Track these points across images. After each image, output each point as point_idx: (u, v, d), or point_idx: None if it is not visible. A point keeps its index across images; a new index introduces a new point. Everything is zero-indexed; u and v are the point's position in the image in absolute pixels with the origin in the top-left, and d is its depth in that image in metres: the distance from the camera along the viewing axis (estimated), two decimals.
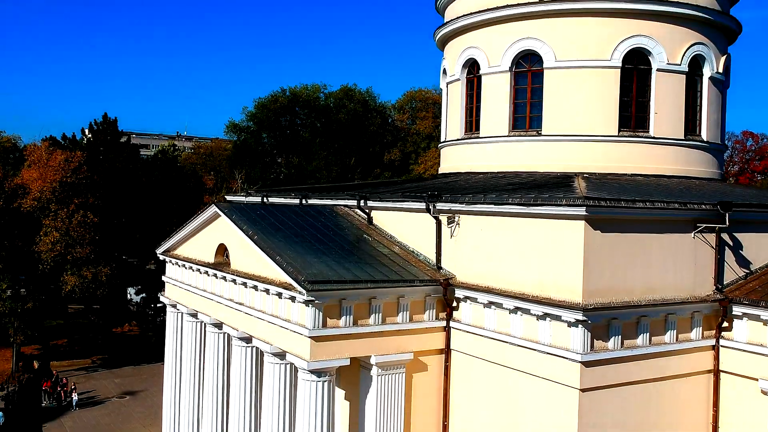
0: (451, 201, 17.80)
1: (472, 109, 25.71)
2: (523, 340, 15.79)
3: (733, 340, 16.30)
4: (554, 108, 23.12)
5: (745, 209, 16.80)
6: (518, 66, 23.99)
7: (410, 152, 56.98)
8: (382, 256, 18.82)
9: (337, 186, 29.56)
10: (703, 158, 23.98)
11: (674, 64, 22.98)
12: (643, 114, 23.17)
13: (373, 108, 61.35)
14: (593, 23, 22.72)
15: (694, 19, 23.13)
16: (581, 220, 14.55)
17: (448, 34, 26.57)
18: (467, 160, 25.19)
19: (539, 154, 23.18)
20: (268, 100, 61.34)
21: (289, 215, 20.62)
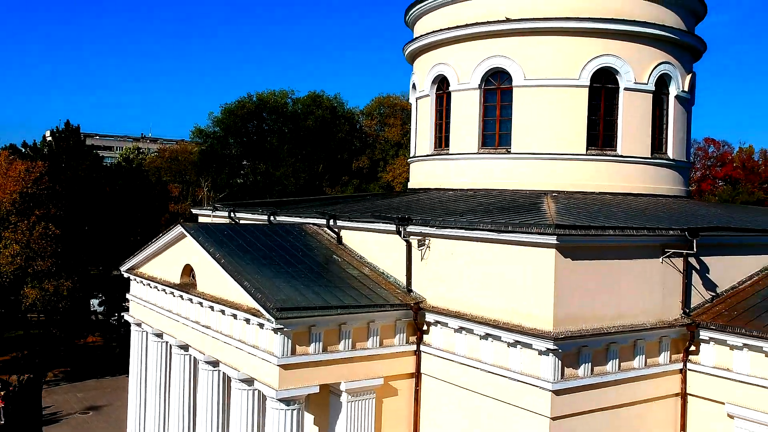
0: (422, 224, 17.67)
1: (441, 125, 25.66)
2: (493, 367, 15.73)
3: (700, 364, 16.45)
4: (523, 126, 23.18)
5: (711, 233, 16.94)
6: (488, 83, 24.00)
7: (378, 159, 56.82)
8: (352, 278, 18.61)
9: (306, 200, 29.27)
10: (669, 176, 24.25)
11: (641, 83, 23.21)
12: (610, 132, 23.35)
13: (341, 114, 61.08)
14: (562, 42, 22.83)
15: (660, 38, 23.39)
16: (552, 248, 14.53)
17: (418, 49, 26.49)
18: (437, 177, 25.13)
19: (509, 172, 23.22)
20: (234, 106, 60.66)
21: (257, 235, 20.29)
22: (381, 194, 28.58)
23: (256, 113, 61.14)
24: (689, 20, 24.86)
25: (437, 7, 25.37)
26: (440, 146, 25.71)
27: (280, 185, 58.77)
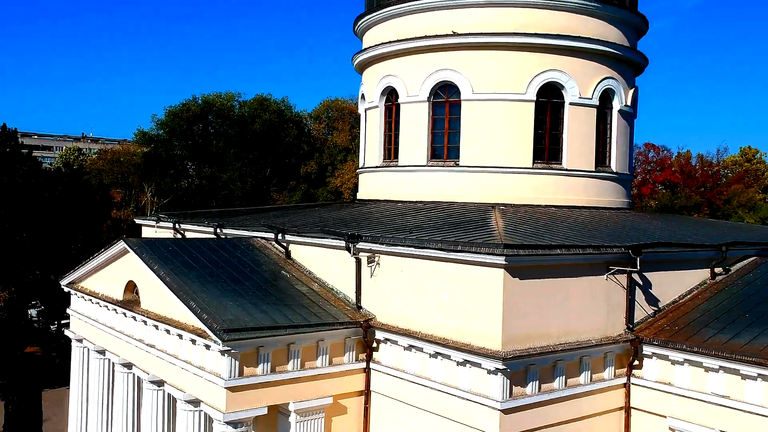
0: (372, 241, 17.60)
1: (390, 136, 25.66)
2: (443, 385, 15.77)
3: (643, 379, 16.83)
4: (472, 139, 23.37)
5: (653, 250, 17.35)
6: (436, 96, 24.11)
7: (327, 164, 56.52)
8: (300, 295, 18.42)
9: (254, 210, 28.86)
10: (612, 189, 24.78)
11: (586, 98, 23.66)
12: (556, 146, 23.74)
13: (289, 118, 60.55)
14: (509, 57, 23.08)
15: (604, 54, 23.87)
16: (501, 268, 14.64)
17: (366, 60, 26.43)
18: (386, 188, 25.11)
19: (457, 185, 23.37)
20: (179, 109, 59.49)
21: (203, 250, 19.89)
22: (330, 204, 28.39)
23: (201, 116, 60.09)
24: (632, 36, 25.46)
25: (385, 19, 25.36)
26: (389, 158, 25.71)
27: (226, 189, 57.91)
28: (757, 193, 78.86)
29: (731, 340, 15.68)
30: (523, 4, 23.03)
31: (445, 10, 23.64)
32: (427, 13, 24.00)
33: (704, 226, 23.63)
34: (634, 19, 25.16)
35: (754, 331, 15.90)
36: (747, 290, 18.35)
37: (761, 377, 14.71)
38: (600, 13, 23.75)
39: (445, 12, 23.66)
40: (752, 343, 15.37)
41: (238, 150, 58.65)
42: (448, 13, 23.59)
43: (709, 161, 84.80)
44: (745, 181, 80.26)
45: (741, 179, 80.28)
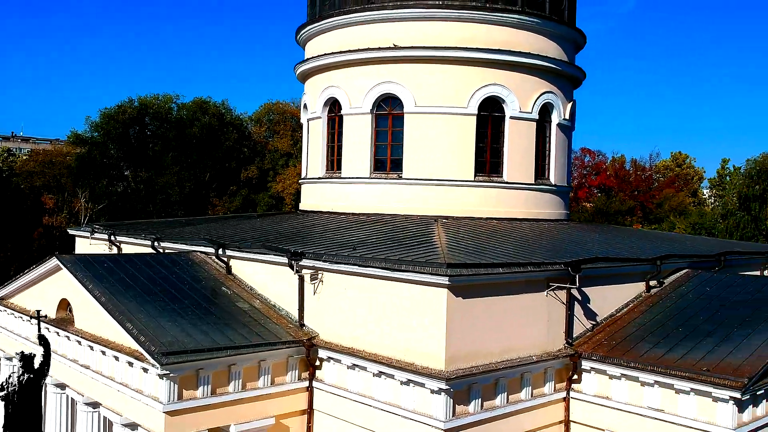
0: (315, 258, 17.43)
1: (333, 147, 25.52)
2: (386, 405, 15.74)
3: (582, 393, 17.16)
4: (414, 152, 23.44)
5: (592, 265, 17.71)
6: (379, 108, 24.09)
7: (268, 169, 55.81)
8: (242, 313, 18.10)
9: (193, 221, 28.22)
10: (551, 201, 25.24)
11: (526, 112, 24.02)
12: (497, 159, 24.03)
13: (229, 121, 59.58)
14: (451, 71, 23.24)
15: (544, 69, 24.28)
16: (444, 288, 14.70)
17: (309, 70, 26.22)
18: (329, 200, 24.95)
19: (400, 197, 23.40)
20: (114, 111, 57.83)
21: (140, 267, 19.35)
22: (272, 214, 28.00)
23: (137, 118, 58.57)
24: (570, 51, 25.98)
25: (327, 30, 25.20)
26: (332, 169, 25.55)
27: (163, 194, 56.60)
28: (687, 197, 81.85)
29: (666, 355, 16.14)
30: (465, 19, 23.22)
31: (388, 23, 23.65)
32: (369, 25, 23.96)
33: (639, 238, 24.29)
34: (572, 34, 25.69)
35: (687, 345, 16.40)
36: (680, 303, 18.93)
37: (694, 392, 15.17)
38: (540, 28, 24.15)
39: (387, 24, 23.66)
40: (685, 357, 15.85)
41: (176, 154, 57.39)
42: (391, 26, 23.60)
43: (642, 166, 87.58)
44: (675, 185, 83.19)
45: (672, 183, 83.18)
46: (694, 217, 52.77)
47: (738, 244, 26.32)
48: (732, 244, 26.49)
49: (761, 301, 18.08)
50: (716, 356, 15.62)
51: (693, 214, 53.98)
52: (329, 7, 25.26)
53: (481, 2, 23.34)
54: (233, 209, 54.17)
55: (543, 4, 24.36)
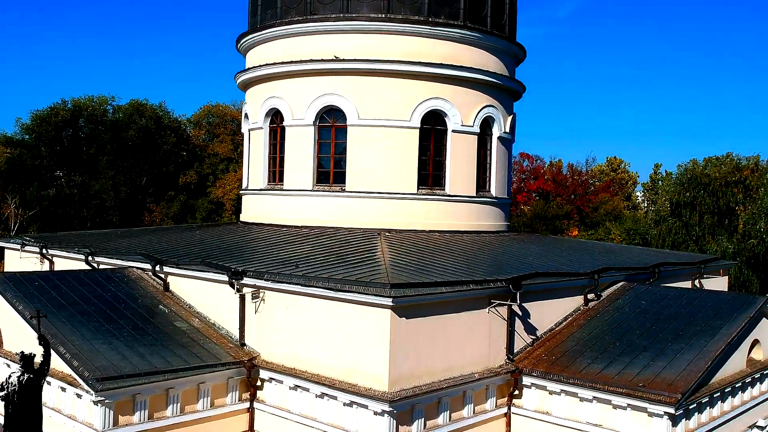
0: (256, 277, 17.16)
1: (275, 158, 25.19)
2: (329, 426, 15.61)
3: (523, 408, 17.39)
4: (357, 164, 23.37)
5: (532, 281, 17.96)
6: (322, 120, 23.92)
7: (208, 174, 54.79)
8: (180, 333, 17.66)
9: (129, 234, 27.38)
10: (492, 213, 25.53)
11: (468, 125, 24.22)
12: (439, 172, 24.17)
13: (166, 124, 58.26)
14: (394, 84, 23.26)
15: (486, 83, 24.53)
16: (388, 309, 14.65)
17: (250, 80, 25.84)
18: (272, 212, 24.62)
19: (344, 210, 23.28)
20: (46, 113, 55.84)
21: (73, 285, 18.68)
22: (212, 226, 27.43)
23: (71, 121, 56.70)
24: (511, 65, 26.33)
25: (269, 39, 24.88)
26: (275, 180, 25.22)
27: (98, 199, 54.94)
28: (622, 201, 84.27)
29: (604, 370, 16.49)
30: (408, 33, 23.26)
31: (330, 35, 23.50)
32: (312, 37, 23.76)
33: (577, 251, 24.75)
34: (513, 48, 26.04)
35: (623, 360, 16.80)
36: (617, 317, 19.39)
37: (630, 407, 15.55)
38: (482, 43, 24.39)
39: (330, 36, 23.51)
40: (622, 373, 16.23)
41: (111, 157, 55.80)
42: (333, 38, 23.45)
43: (579, 170, 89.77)
44: (611, 190, 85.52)
45: (607, 188, 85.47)
46: (628, 223, 54.35)
47: (671, 254, 27.17)
48: (665, 254, 27.33)
49: (692, 315, 18.66)
50: (651, 371, 16.05)
51: (627, 220, 55.58)
52: (271, 16, 24.95)
53: (424, 16, 23.42)
54: (171, 215, 53.00)
55: (484, 18, 24.62)
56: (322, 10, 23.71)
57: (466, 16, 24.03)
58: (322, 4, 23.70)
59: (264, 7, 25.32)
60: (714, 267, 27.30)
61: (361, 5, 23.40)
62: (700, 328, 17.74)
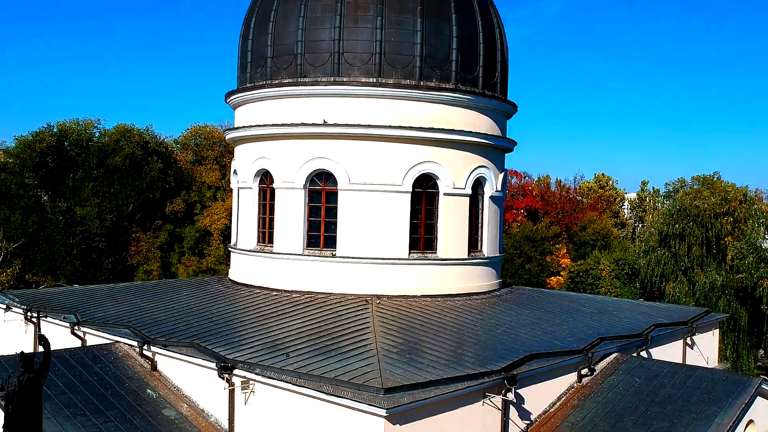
0: (246, 369, 16.84)
1: (265, 219, 24.87)
2: None
3: None
4: (349, 229, 23.12)
5: (527, 366, 17.76)
6: (313, 183, 23.65)
7: (195, 202, 54.25)
8: (168, 423, 17.34)
9: (116, 292, 26.86)
10: (484, 273, 25.34)
11: (459, 188, 24.02)
12: (431, 235, 23.97)
13: (153, 149, 57.60)
14: (385, 149, 23.04)
15: (478, 144, 24.36)
16: (382, 418, 14.40)
17: (240, 138, 25.51)
18: (261, 275, 24.32)
19: (334, 276, 23.04)
20: (31, 138, 55.07)
21: (59, 369, 18.22)
22: (200, 285, 26.90)
23: (56, 146, 55.97)
24: (502, 122, 26.17)
25: (258, 99, 24.61)
26: (264, 241, 24.91)
27: (83, 225, 54.25)
28: (610, 219, 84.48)
29: None
30: (399, 97, 23.05)
31: (321, 98, 23.24)
32: (302, 99, 23.49)
33: (569, 313, 24.47)
34: (504, 107, 25.87)
35: None
36: (611, 398, 19.22)
37: None
38: (474, 104, 24.21)
39: (320, 99, 23.25)
40: None
41: (97, 183, 55.13)
42: (324, 101, 23.19)
43: (567, 187, 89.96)
44: (599, 207, 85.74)
45: (595, 205, 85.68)
46: (617, 252, 54.37)
47: (663, 310, 26.95)
48: (657, 311, 27.03)
49: (686, 398, 18.52)
50: None
51: (616, 250, 55.60)
52: (261, 75, 24.62)
53: (415, 80, 23.20)
54: (158, 245, 52.38)
55: (476, 79, 24.43)
56: (312, 72, 23.43)
57: (458, 78, 23.84)
58: (312, 66, 23.43)
59: (254, 65, 24.99)
60: (706, 322, 27.19)
61: (352, 68, 23.14)
62: (696, 416, 17.61)
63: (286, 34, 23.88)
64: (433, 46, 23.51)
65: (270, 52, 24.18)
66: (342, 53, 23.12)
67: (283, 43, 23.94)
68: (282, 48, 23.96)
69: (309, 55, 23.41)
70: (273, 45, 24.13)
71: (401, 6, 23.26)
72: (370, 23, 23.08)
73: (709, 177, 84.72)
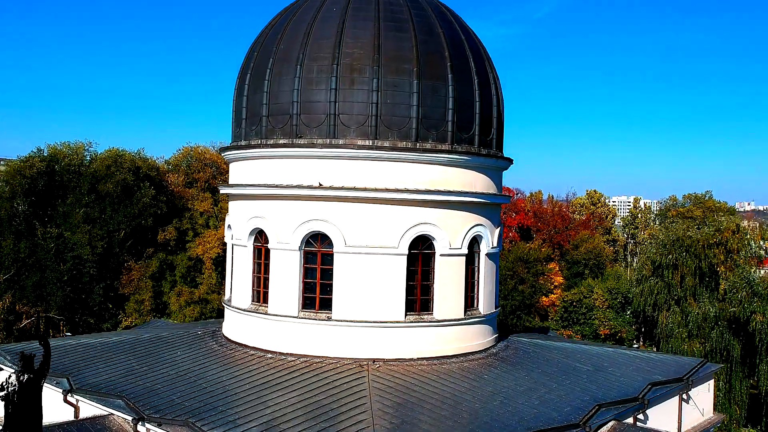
0: None
1: (260, 278, 24.67)
2: None
3: None
4: (345, 291, 23.01)
5: None
6: (308, 244, 23.51)
7: (187, 229, 53.89)
8: None
9: (108, 345, 26.53)
10: (480, 331, 25.26)
11: (456, 248, 23.94)
12: (427, 297, 23.89)
13: (145, 174, 57.16)
14: (381, 211, 22.95)
15: (474, 204, 24.28)
16: None
17: (235, 195, 25.32)
18: (256, 335, 24.14)
19: (330, 339, 22.92)
20: (21, 164, 54.59)
21: None
22: (192, 340, 26.58)
23: (47, 172, 55.49)
24: (498, 178, 26.13)
25: (253, 158, 24.47)
26: (259, 301, 24.69)
27: (74, 251, 53.80)
28: (602, 236, 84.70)
29: None
30: (395, 160, 22.97)
31: (317, 160, 23.12)
32: (298, 160, 23.37)
33: (565, 374, 24.31)
34: (500, 163, 25.83)
35: None
36: None
37: None
38: (470, 164, 24.15)
39: (316, 161, 23.13)
40: None
41: (88, 209, 54.69)
42: (320, 163, 23.07)
43: (560, 203, 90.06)
44: (591, 224, 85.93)
45: (588, 222, 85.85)
46: (610, 281, 54.42)
47: (659, 364, 26.81)
48: (653, 365, 26.86)
49: None
50: None
51: (609, 278, 55.66)
52: (255, 133, 24.46)
53: (412, 142, 23.12)
54: (150, 274, 51.96)
55: (472, 138, 24.36)
56: (308, 132, 23.30)
57: (454, 138, 23.77)
58: (308, 127, 23.30)
59: (248, 122, 24.83)
60: (702, 375, 27.13)
61: (348, 130, 23.03)
62: None
63: (281, 93, 23.73)
64: (429, 107, 23.43)
65: (265, 111, 24.03)
66: (338, 115, 23.00)
67: (278, 102, 23.80)
68: (277, 107, 23.82)
69: (305, 116, 23.28)
70: (268, 104, 23.98)
71: (397, 68, 23.17)
72: (366, 85, 22.98)
73: (701, 195, 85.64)
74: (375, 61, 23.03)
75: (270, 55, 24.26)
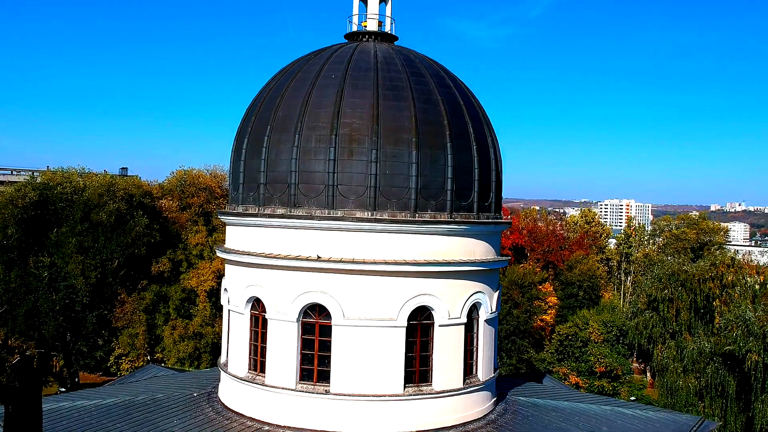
0: None
1: (257, 347, 24.39)
2: None
3: None
4: (343, 364, 22.78)
5: None
6: (306, 315, 23.28)
7: (181, 260, 53.50)
8: None
9: (101, 411, 26.19)
10: (479, 398, 25.06)
11: (455, 317, 23.76)
12: (426, 367, 23.69)
13: (139, 202, 56.81)
14: (380, 283, 22.76)
15: (473, 272, 24.07)
16: None
17: (231, 262, 25.03)
18: (252, 405, 23.87)
19: (328, 413, 22.69)
20: (14, 195, 54.15)
21: None
22: (187, 410, 26.22)
23: (40, 201, 55.07)
24: (497, 242, 25.92)
25: (252, 225, 24.21)
26: (256, 369, 24.39)
27: (67, 281, 53.44)
28: (596, 254, 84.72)
29: None
30: (394, 231, 22.75)
31: (315, 231, 22.86)
32: (295, 231, 23.11)
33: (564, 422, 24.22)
34: (499, 227, 25.68)
35: None
36: None
37: None
38: (469, 232, 23.97)
39: (314, 233, 22.88)
40: None
41: (81, 238, 54.30)
42: (318, 235, 22.83)
43: (554, 221, 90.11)
44: (585, 243, 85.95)
45: (581, 241, 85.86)
46: (605, 314, 54.42)
47: (657, 424, 26.76)
48: (651, 425, 26.86)
49: None
50: None
51: (605, 311, 55.65)
52: (253, 199, 24.20)
53: (410, 212, 22.92)
54: (143, 307, 51.60)
55: (471, 205, 24.18)
56: (306, 202, 23.08)
57: (453, 206, 23.59)
58: (306, 196, 23.07)
59: (246, 187, 24.57)
60: None
61: (347, 200, 22.82)
62: None
63: (279, 162, 23.50)
64: (428, 177, 23.25)
65: (263, 178, 23.78)
66: (336, 186, 22.78)
67: (276, 170, 23.57)
68: (275, 175, 23.58)
69: (303, 185, 23.06)
70: (266, 171, 23.74)
71: (396, 138, 22.98)
72: (365, 156, 22.77)
73: (694, 217, 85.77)
74: (374, 132, 22.83)
75: (268, 121, 24.03)
